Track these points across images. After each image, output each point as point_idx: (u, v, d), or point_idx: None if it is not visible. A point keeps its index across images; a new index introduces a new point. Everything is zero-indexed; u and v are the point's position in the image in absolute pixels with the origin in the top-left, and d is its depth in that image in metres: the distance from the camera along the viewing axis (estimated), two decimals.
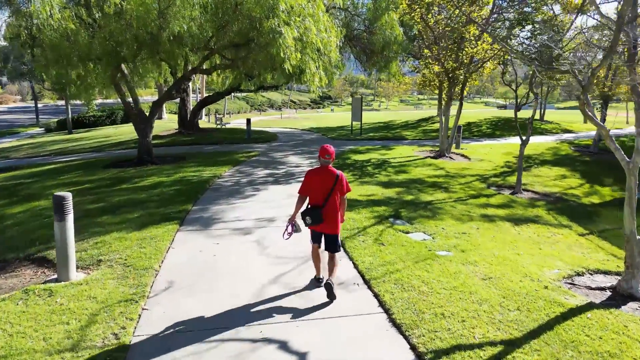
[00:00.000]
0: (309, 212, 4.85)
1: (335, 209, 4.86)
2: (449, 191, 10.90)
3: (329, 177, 4.84)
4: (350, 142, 20.21)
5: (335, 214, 4.86)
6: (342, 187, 4.91)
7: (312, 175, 4.96)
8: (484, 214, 8.99)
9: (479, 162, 15.56)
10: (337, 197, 4.87)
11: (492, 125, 26.22)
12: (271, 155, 15.82)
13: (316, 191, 4.87)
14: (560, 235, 8.01)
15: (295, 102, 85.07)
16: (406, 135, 22.83)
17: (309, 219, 4.83)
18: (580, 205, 11.16)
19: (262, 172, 12.55)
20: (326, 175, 4.86)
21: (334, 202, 4.84)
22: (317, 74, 9.39)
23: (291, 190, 10.15)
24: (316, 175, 4.92)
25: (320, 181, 4.86)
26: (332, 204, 4.83)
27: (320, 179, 4.87)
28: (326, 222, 4.84)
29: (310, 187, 4.92)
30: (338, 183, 4.84)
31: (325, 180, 4.84)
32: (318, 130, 26.65)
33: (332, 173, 4.86)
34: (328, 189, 4.80)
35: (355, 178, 11.65)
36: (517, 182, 11.76)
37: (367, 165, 13.65)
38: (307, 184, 4.95)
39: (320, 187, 4.84)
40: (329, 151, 4.84)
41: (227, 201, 9.20)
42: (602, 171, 15.76)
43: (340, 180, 4.86)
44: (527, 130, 11.89)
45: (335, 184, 4.82)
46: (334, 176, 4.84)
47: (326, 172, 4.87)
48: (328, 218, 4.82)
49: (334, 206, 4.85)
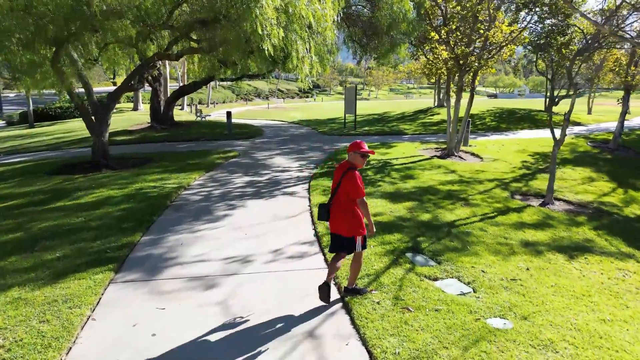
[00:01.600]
0: (320, 205, 4.61)
1: (341, 209, 4.42)
2: (470, 204, 8.84)
3: (339, 173, 4.46)
4: (344, 138, 18.03)
5: (339, 215, 4.43)
6: (347, 188, 4.32)
7: (336, 168, 4.65)
8: (524, 240, 6.94)
9: (493, 162, 13.52)
10: (343, 196, 4.39)
11: (497, 117, 24.21)
12: (254, 156, 13.57)
13: (332, 186, 4.57)
14: (634, 274, 5.99)
15: (283, 91, 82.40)
16: (405, 129, 20.70)
17: (318, 213, 4.60)
18: (627, 220, 9.18)
19: (241, 179, 10.33)
20: (339, 170, 4.50)
21: (337, 202, 4.44)
22: (307, 59, 7.13)
23: (276, 208, 7.97)
24: (336, 169, 4.61)
25: (335, 176, 4.56)
26: (336, 203, 4.46)
27: (336, 174, 4.55)
28: (332, 220, 4.53)
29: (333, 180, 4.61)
30: (343, 181, 4.35)
31: (337, 175, 4.49)
32: (307, 123, 24.39)
33: (343, 169, 4.43)
34: (334, 186, 4.48)
35: None
36: (549, 191, 9.74)
37: (367, 169, 11.51)
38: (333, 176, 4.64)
39: (333, 183, 4.55)
40: (351, 144, 4.52)
41: (190, 226, 6.99)
42: (630, 171, 13.84)
43: (346, 177, 4.32)
44: (563, 128, 9.83)
45: (340, 180, 4.38)
46: (341, 173, 4.40)
47: (341, 168, 4.50)
48: (333, 216, 4.50)
49: (338, 206, 4.44)
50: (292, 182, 10.10)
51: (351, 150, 4.44)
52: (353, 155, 4.43)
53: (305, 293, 4.80)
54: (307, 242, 6.39)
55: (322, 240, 6.32)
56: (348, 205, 4.38)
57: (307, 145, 16.07)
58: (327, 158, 13.22)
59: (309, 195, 8.93)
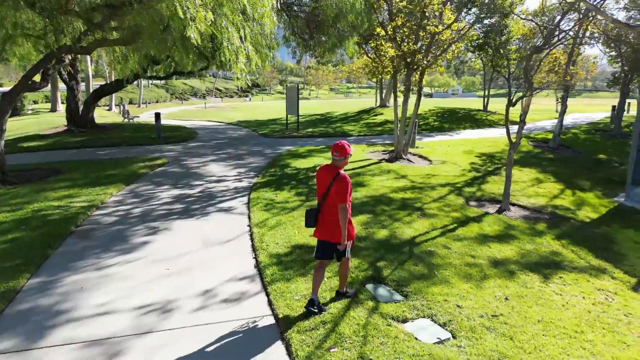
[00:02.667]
0: (307, 211, 4.40)
1: (332, 215, 4.22)
2: (427, 214, 8.07)
3: (328, 178, 4.21)
4: (287, 140, 16.88)
5: (331, 220, 4.22)
6: (336, 193, 4.12)
7: (319, 172, 4.40)
8: (492, 257, 6.20)
9: (442, 164, 13.00)
10: (333, 202, 4.18)
11: (439, 117, 24.16)
12: (185, 164, 12.06)
13: (318, 190, 4.36)
14: (615, 296, 5.39)
15: (221, 90, 79.58)
16: (349, 130, 19.91)
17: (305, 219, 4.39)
18: (585, 225, 8.83)
19: (168, 193, 8.88)
20: (328, 174, 4.25)
21: (328, 207, 4.24)
22: (243, 51, 5.88)
23: (209, 230, 6.69)
24: (321, 173, 4.35)
25: (321, 181, 4.31)
26: (328, 209, 4.25)
27: (322, 178, 4.30)
28: (320, 227, 4.31)
29: (317, 184, 4.38)
30: (333, 186, 4.14)
31: (325, 180, 4.24)
32: (247, 124, 22.95)
33: (332, 174, 4.19)
34: (323, 191, 4.24)
35: (301, 200, 8.41)
36: (505, 197, 9.23)
37: (313, 177, 10.46)
38: (316, 179, 4.41)
39: (319, 188, 4.33)
40: (338, 147, 4.23)
41: (96, 261, 5.55)
42: (573, 172, 13.88)
43: (336, 182, 4.12)
44: (519, 131, 9.34)
45: (330, 186, 4.16)
46: (331, 177, 4.17)
47: (329, 172, 4.26)
48: (323, 222, 4.28)
49: (329, 212, 4.24)
50: (229, 195, 8.82)
51: (342, 156, 4.21)
52: (344, 160, 4.25)
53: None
54: (247, 276, 5.20)
55: (265, 274, 5.16)
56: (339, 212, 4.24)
57: (246, 149, 14.75)
58: (269, 164, 12.01)
59: (249, 211, 7.71)
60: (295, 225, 6.86)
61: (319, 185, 4.33)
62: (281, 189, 9.23)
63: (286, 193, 8.89)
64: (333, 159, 4.26)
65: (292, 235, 6.44)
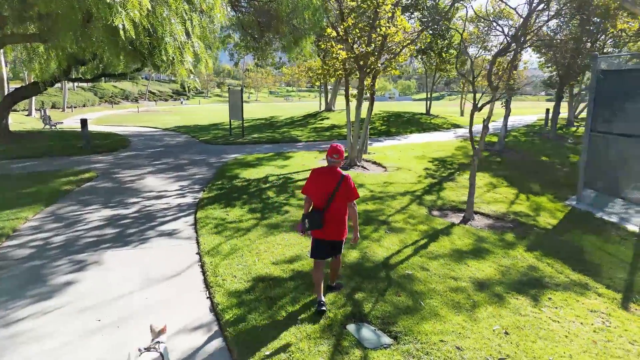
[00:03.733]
0: (309, 215, 4.33)
1: (341, 215, 4.36)
2: (394, 229, 7.48)
3: (332, 179, 4.30)
4: (232, 147, 15.75)
5: (340, 220, 4.37)
6: (347, 192, 4.33)
7: (316, 174, 4.45)
8: (474, 278, 5.67)
9: (397, 171, 12.56)
10: (343, 202, 4.34)
11: (386, 121, 24.00)
12: (118, 177, 10.65)
13: (318, 193, 4.37)
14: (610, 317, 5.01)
15: (155, 92, 75.83)
16: (297, 136, 19.10)
17: (307, 222, 4.30)
18: (549, 233, 8.63)
19: (98, 215, 7.58)
20: (330, 176, 4.33)
21: (337, 208, 4.33)
22: (190, 47, 4.83)
23: (150, 262, 5.59)
24: (320, 175, 4.41)
25: (323, 182, 4.34)
26: (336, 210, 4.32)
27: (324, 180, 4.35)
28: (327, 228, 4.32)
29: (313, 188, 4.41)
30: (342, 186, 4.28)
31: (328, 182, 4.31)
32: (186, 129, 21.43)
33: (336, 175, 4.33)
34: (330, 192, 4.28)
35: (256, 218, 7.47)
36: (469, 206, 8.86)
37: (266, 189, 9.54)
38: (309, 183, 4.45)
39: (322, 190, 4.34)
40: (337, 151, 4.37)
41: (1, 315, 4.31)
42: (522, 175, 13.98)
43: (344, 183, 4.29)
44: (482, 138, 9.02)
45: (338, 187, 4.27)
46: (337, 178, 4.30)
47: (331, 173, 4.35)
48: (331, 223, 4.32)
49: (339, 212, 4.34)
50: (172, 215, 7.69)
51: (340, 158, 4.40)
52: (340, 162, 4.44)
53: None
54: (201, 325, 4.22)
55: (224, 320, 4.21)
56: (346, 210, 4.43)
57: (188, 158, 13.49)
58: (215, 175, 10.90)
59: (197, 234, 6.66)
60: (253, 251, 5.93)
61: (319, 187, 4.37)
62: (232, 205, 8.22)
63: (238, 210, 7.91)
64: (331, 161, 4.39)
65: (252, 264, 5.52)
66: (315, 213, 4.31)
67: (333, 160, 4.36)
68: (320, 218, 4.27)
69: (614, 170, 10.82)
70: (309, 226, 4.30)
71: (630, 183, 10.42)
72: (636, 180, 10.49)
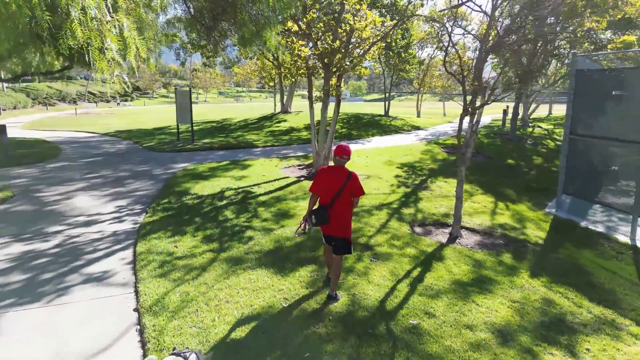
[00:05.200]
0: (316, 211, 4.54)
1: (346, 210, 4.55)
2: (379, 254, 6.34)
3: (340, 177, 4.51)
4: (181, 155, 14.03)
5: (345, 216, 4.56)
6: (353, 189, 4.53)
7: (324, 173, 4.64)
8: (491, 324, 4.59)
9: (368, 180, 11.46)
10: (348, 198, 4.54)
11: (346, 123, 22.96)
12: (40, 197, 8.78)
13: (326, 190, 4.55)
14: None
15: (95, 94, 71.11)
16: (253, 140, 17.58)
17: (314, 218, 4.52)
18: (544, 251, 7.78)
19: (4, 253, 5.85)
20: (338, 174, 4.54)
21: (343, 204, 4.52)
22: (113, 27, 3.31)
23: (68, 328, 4.06)
24: (328, 174, 4.60)
25: (331, 180, 4.53)
26: (341, 205, 4.52)
27: (332, 178, 4.54)
28: (334, 224, 4.54)
29: (321, 186, 4.58)
30: (349, 183, 4.49)
31: (337, 179, 4.51)
32: (129, 134, 19.31)
33: (344, 172, 4.55)
34: (338, 188, 4.47)
35: (212, 251, 6.03)
36: (456, 222, 7.89)
37: (223, 208, 8.09)
38: (318, 181, 4.62)
39: (330, 187, 4.51)
40: (346, 152, 4.60)
41: None
42: (494, 179, 13.34)
43: (352, 180, 4.51)
44: (469, 142, 8.06)
45: (345, 183, 4.47)
46: (345, 175, 4.52)
47: (339, 171, 4.56)
48: (336, 219, 4.52)
49: (344, 207, 4.54)
50: (104, 248, 6.09)
51: (349, 158, 4.62)
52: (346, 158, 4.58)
53: None
54: None
55: None
56: (350, 207, 4.58)
57: (129, 169, 11.70)
58: (161, 191, 9.28)
59: (136, 277, 5.14)
60: (211, 302, 4.53)
61: (326, 185, 4.54)
62: (181, 232, 6.71)
63: (189, 239, 6.42)
64: (340, 161, 4.56)
65: (210, 325, 4.12)
66: (322, 209, 4.50)
67: (342, 161, 4.57)
68: (327, 214, 4.47)
69: (592, 175, 10.27)
70: (316, 222, 4.50)
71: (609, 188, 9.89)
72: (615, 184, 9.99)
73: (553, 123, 28.60)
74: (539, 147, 20.37)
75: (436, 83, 33.74)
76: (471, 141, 8.04)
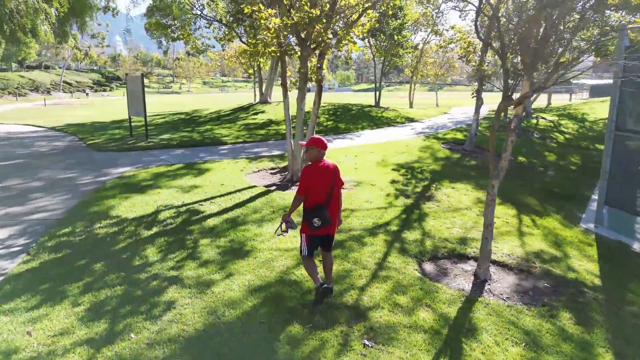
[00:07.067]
0: (317, 212, 4.04)
1: (337, 205, 4.29)
2: (378, 331, 3.97)
3: (328, 171, 4.17)
4: (127, 155, 11.41)
5: (337, 210, 4.30)
6: (339, 180, 4.26)
7: (312, 171, 4.15)
8: None
9: (357, 188, 9.02)
10: (338, 192, 4.27)
11: (332, 115, 20.43)
12: None
13: (318, 188, 4.13)
14: None
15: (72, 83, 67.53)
16: (222, 135, 14.95)
17: (317, 220, 4.03)
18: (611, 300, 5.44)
19: None
20: (325, 168, 4.17)
21: (335, 199, 4.26)
22: None
23: None
24: (315, 171, 4.16)
25: (322, 177, 4.14)
26: (335, 201, 4.25)
27: (322, 175, 4.15)
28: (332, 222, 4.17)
29: (312, 185, 4.12)
30: (337, 175, 4.23)
31: (326, 174, 4.15)
32: (78, 129, 16.54)
33: (329, 166, 4.21)
34: (330, 183, 4.15)
35: (90, 337, 3.52)
36: (483, 258, 5.54)
37: (148, 242, 5.56)
38: (309, 181, 4.12)
39: (323, 183, 4.14)
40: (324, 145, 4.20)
41: None
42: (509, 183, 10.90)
43: (337, 172, 4.25)
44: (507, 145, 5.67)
45: (335, 178, 4.18)
46: (332, 169, 4.20)
47: (325, 165, 4.19)
48: (332, 217, 4.18)
49: (337, 203, 4.28)
50: None
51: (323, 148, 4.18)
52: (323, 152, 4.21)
53: None
54: None
55: None
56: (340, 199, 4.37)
57: (49, 176, 9.08)
58: (71, 212, 6.71)
59: None
60: None
61: (319, 183, 4.14)
62: (58, 296, 4.15)
63: (63, 313, 3.85)
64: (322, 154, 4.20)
65: None
66: (323, 208, 4.08)
67: (323, 152, 4.19)
68: (327, 213, 4.08)
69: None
70: (320, 224, 4.03)
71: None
72: None
73: (556, 114, 26.42)
74: (548, 140, 18.14)
75: (429, 71, 31.31)
76: (509, 144, 5.63)
